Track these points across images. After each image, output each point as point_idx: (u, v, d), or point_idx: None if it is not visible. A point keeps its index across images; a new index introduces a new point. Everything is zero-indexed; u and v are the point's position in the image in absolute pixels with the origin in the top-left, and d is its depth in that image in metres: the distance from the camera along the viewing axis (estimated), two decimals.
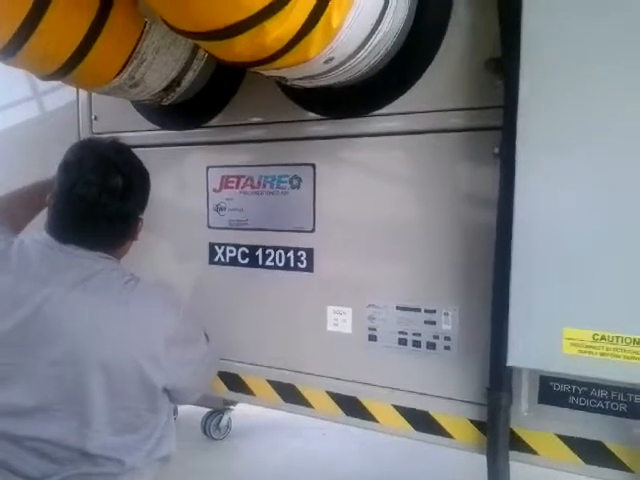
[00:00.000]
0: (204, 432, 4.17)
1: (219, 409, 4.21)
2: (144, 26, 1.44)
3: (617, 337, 1.19)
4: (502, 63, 1.40)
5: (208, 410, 4.23)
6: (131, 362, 1.36)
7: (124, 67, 1.47)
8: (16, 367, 1.34)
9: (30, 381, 1.34)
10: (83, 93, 2.21)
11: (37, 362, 1.34)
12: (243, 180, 1.88)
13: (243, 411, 4.23)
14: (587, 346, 1.22)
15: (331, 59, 1.26)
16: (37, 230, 1.53)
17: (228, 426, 4.26)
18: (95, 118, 2.20)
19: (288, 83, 1.47)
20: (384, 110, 1.63)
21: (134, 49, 1.45)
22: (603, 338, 1.20)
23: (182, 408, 4.42)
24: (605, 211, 1.20)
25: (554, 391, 1.46)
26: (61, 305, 1.35)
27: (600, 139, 1.20)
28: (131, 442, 1.41)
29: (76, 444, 1.35)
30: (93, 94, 2.16)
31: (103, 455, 1.36)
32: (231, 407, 4.24)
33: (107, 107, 2.13)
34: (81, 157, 1.46)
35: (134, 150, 1.64)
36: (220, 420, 4.20)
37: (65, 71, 1.41)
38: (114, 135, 1.74)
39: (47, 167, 1.63)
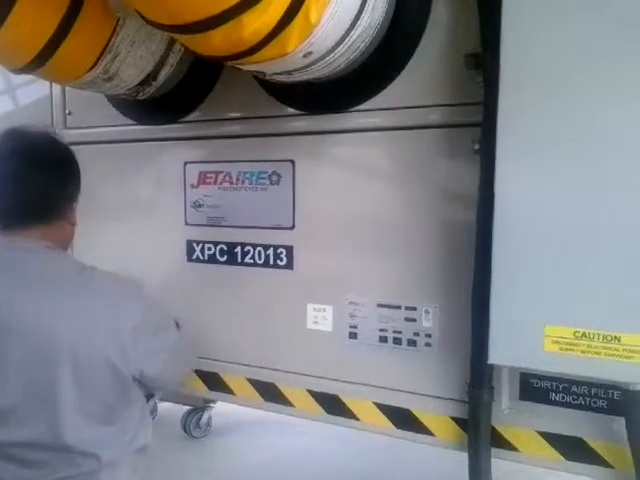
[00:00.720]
0: (184, 430, 4.14)
1: (199, 407, 4.18)
2: (118, 19, 1.41)
3: (598, 334, 1.19)
4: (482, 59, 1.39)
5: (188, 408, 4.20)
6: (98, 353, 1.33)
7: (98, 61, 1.44)
8: None
9: None
10: (57, 87, 2.16)
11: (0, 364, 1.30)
12: (221, 176, 1.86)
13: (223, 408, 4.20)
14: (568, 343, 1.22)
15: (310, 53, 1.24)
16: None
17: (208, 424, 4.22)
18: (69, 113, 2.16)
19: (267, 78, 1.45)
20: (364, 106, 1.62)
21: (108, 42, 1.42)
22: (584, 335, 1.20)
23: (162, 406, 4.40)
24: (586, 208, 1.20)
25: (535, 388, 1.46)
26: (18, 304, 1.31)
27: (582, 136, 1.20)
28: (106, 436, 1.38)
29: (51, 442, 1.32)
30: (67, 88, 2.12)
31: (79, 450, 1.33)
32: (211, 404, 4.21)
33: (81, 102, 2.09)
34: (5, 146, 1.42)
35: (110, 145, 1.61)
36: (200, 418, 4.17)
37: (37, 64, 1.37)
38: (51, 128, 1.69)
39: None
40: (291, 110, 1.73)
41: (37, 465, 1.33)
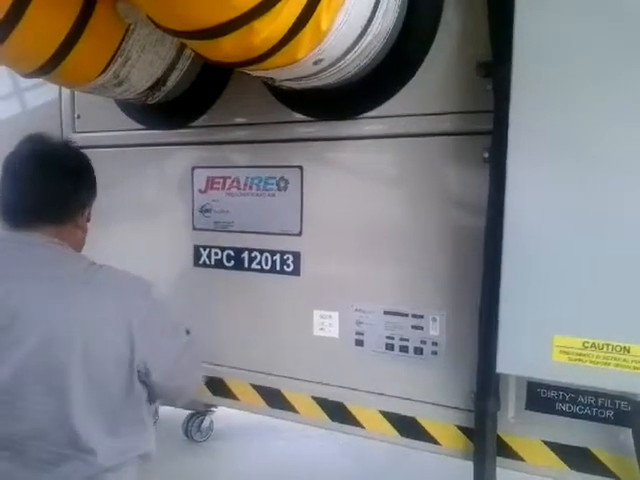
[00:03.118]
0: (185, 434, 4.12)
1: (201, 411, 4.17)
2: (129, 24, 1.41)
3: (607, 345, 1.19)
4: (493, 67, 1.39)
5: (189, 412, 4.19)
6: (108, 347, 1.33)
7: (108, 65, 1.45)
8: None
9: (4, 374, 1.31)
10: (66, 91, 2.17)
11: (8, 356, 1.30)
12: (229, 181, 1.86)
13: (225, 413, 4.19)
14: (577, 354, 1.21)
15: (320, 60, 1.24)
16: None
17: (210, 428, 4.21)
18: (78, 117, 2.16)
19: (276, 84, 1.45)
20: (373, 113, 1.62)
21: (119, 47, 1.42)
22: (593, 346, 1.20)
23: (163, 410, 4.38)
24: (597, 218, 1.20)
25: (541, 397, 1.45)
26: (30, 295, 1.31)
27: (593, 144, 1.19)
28: (110, 440, 1.38)
29: (57, 436, 1.31)
30: (76, 92, 2.12)
31: (85, 447, 1.32)
32: (213, 409, 4.20)
33: (90, 106, 2.10)
34: (21, 148, 1.46)
35: (118, 149, 1.61)
36: (202, 422, 4.16)
37: (47, 69, 1.38)
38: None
39: None
40: (300, 116, 1.73)
41: (41, 461, 1.32)
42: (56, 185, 1.43)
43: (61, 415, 1.31)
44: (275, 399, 1.84)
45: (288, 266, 1.78)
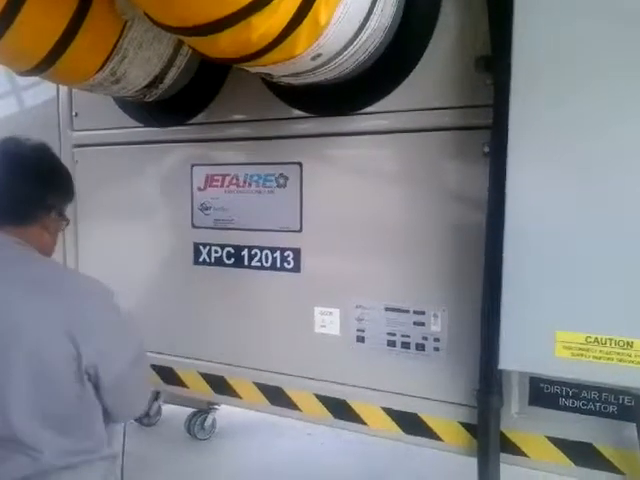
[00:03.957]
0: (188, 432, 4.12)
1: (203, 409, 4.17)
2: (125, 21, 1.40)
3: (610, 340, 1.18)
4: (492, 61, 1.38)
5: (192, 410, 4.20)
6: (58, 349, 1.33)
7: (105, 63, 1.44)
8: None
9: None
10: (63, 89, 2.16)
11: None
12: (228, 179, 1.85)
13: (228, 411, 4.19)
14: (580, 349, 1.21)
15: (318, 55, 1.23)
16: None
17: (213, 426, 4.21)
18: (76, 115, 2.15)
19: (275, 80, 1.44)
20: (372, 108, 1.61)
21: (115, 45, 1.41)
22: (596, 341, 1.19)
23: (166, 408, 4.39)
24: (599, 212, 1.19)
25: (544, 393, 1.45)
26: None
27: (595, 138, 1.18)
28: (63, 441, 1.37)
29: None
30: (74, 90, 2.12)
31: (30, 444, 1.33)
32: (215, 407, 4.21)
33: (88, 104, 2.09)
34: None
35: (116, 147, 1.60)
36: (205, 420, 4.16)
37: (44, 67, 1.37)
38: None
39: None
40: (299, 112, 1.72)
41: None
42: (18, 186, 1.46)
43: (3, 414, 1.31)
44: (277, 397, 1.84)
45: (288, 263, 1.77)
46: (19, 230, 1.46)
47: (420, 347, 1.60)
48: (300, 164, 1.73)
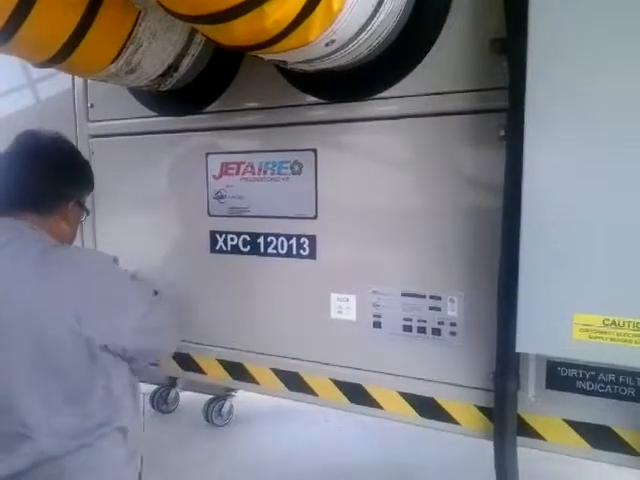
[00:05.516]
0: (206, 419, 4.18)
1: (221, 395, 4.22)
2: (140, 11, 1.40)
3: (628, 322, 1.17)
4: (507, 43, 1.37)
5: (210, 397, 4.24)
6: (63, 326, 1.37)
7: (120, 53, 1.44)
8: None
9: None
10: (79, 80, 2.18)
11: None
12: (243, 166, 1.85)
13: (245, 397, 4.23)
14: (597, 331, 1.20)
15: (332, 42, 1.23)
16: None
17: (230, 412, 4.26)
18: (91, 106, 2.17)
19: (288, 67, 1.44)
20: (386, 93, 1.60)
21: (130, 34, 1.41)
22: (614, 323, 1.19)
23: (184, 395, 4.44)
24: (617, 194, 1.18)
25: (561, 376, 1.45)
26: None
27: (612, 120, 1.17)
28: (66, 419, 1.40)
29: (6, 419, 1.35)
30: (89, 81, 2.13)
31: (38, 430, 1.36)
32: (233, 393, 4.25)
33: (103, 94, 2.11)
34: (12, 144, 1.56)
35: (132, 137, 1.62)
36: (222, 406, 4.21)
37: (59, 58, 1.37)
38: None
39: None
40: (313, 99, 1.72)
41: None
42: (37, 178, 1.52)
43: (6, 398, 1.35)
44: (294, 382, 1.86)
45: (304, 250, 1.78)
46: (39, 220, 1.50)
47: (436, 332, 1.61)
48: (315, 151, 1.73)
